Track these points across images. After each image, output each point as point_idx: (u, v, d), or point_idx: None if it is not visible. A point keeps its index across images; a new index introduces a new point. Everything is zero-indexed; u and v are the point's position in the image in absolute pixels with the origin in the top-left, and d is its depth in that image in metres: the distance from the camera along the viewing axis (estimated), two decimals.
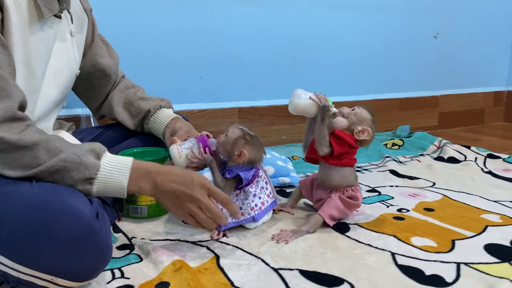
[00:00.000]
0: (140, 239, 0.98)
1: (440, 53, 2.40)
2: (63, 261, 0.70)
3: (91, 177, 0.77)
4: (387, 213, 1.16)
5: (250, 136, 1.03)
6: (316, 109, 1.05)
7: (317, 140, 1.05)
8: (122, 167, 0.81)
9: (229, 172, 1.01)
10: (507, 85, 2.69)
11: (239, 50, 1.88)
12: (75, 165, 0.76)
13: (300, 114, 1.07)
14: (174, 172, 0.86)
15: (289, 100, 1.06)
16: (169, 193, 0.84)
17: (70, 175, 0.76)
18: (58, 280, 0.71)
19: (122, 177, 0.80)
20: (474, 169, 1.59)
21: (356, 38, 2.14)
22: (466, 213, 1.17)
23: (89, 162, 0.77)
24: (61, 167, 0.75)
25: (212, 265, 0.88)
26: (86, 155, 0.78)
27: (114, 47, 1.26)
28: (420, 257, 0.92)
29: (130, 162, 0.82)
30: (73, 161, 0.76)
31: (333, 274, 0.85)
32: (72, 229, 0.70)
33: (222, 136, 1.04)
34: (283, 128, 1.97)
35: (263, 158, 1.06)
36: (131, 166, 0.82)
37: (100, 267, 0.76)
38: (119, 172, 0.80)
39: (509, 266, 0.88)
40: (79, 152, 0.77)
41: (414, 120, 2.37)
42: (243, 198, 1.03)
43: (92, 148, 0.79)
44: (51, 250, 0.69)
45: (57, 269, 0.70)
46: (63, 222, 0.70)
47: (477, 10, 2.46)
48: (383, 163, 1.69)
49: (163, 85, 1.73)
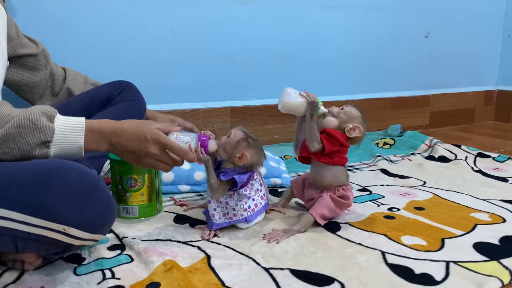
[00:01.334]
0: (131, 239, 0.97)
1: (431, 53, 2.42)
2: (76, 210, 0.73)
3: (47, 140, 0.77)
4: (378, 212, 1.17)
5: (252, 139, 1.03)
6: (306, 107, 1.05)
7: (307, 137, 1.06)
8: (76, 128, 0.81)
9: (224, 174, 1.00)
10: (497, 85, 2.72)
11: (232, 49, 1.88)
12: (29, 130, 0.76)
13: (290, 112, 1.08)
14: (127, 131, 0.85)
15: (279, 99, 1.07)
16: (126, 153, 0.87)
17: (25, 141, 0.76)
18: (70, 230, 0.73)
19: (77, 137, 0.81)
20: (464, 168, 1.61)
21: (348, 38, 2.15)
22: (456, 211, 1.18)
23: (43, 125, 0.77)
24: (15, 133, 0.75)
25: (203, 265, 0.88)
26: (40, 118, 0.77)
27: (106, 46, 1.26)
28: (410, 255, 0.93)
29: (83, 122, 0.82)
30: (26, 126, 0.76)
31: (323, 273, 0.85)
32: (83, 182, 0.74)
33: (223, 137, 1.03)
34: (275, 128, 1.97)
35: (263, 163, 1.06)
36: (85, 127, 0.82)
37: (109, 220, 0.80)
38: (73, 133, 0.81)
39: (497, 264, 0.89)
40: (31, 116, 0.76)
41: (406, 119, 2.38)
42: (236, 199, 1.02)
43: (44, 111, 0.79)
44: (65, 200, 0.72)
45: (70, 218, 0.72)
46: (74, 175, 0.73)
47: (467, 10, 2.48)
48: (374, 162, 1.69)
49: (154, 84, 1.72)
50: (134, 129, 0.86)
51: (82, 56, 1.57)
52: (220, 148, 1.02)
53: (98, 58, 1.60)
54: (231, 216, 1.02)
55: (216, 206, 1.02)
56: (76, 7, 1.54)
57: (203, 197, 1.29)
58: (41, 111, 0.78)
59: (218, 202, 1.02)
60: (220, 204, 1.02)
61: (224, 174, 1.00)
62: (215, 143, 1.01)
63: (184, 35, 1.77)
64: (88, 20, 1.57)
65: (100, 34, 1.33)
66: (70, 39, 1.55)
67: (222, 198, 1.01)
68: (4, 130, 0.74)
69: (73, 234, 0.73)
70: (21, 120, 0.75)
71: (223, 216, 1.02)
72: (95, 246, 0.95)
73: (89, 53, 1.58)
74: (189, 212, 1.17)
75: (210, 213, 1.02)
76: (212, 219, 1.02)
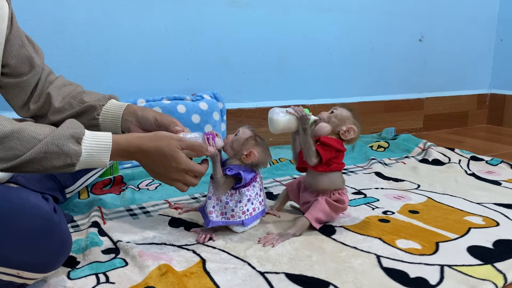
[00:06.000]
0: (126, 243, 0.97)
1: (424, 56, 2.43)
2: (28, 254, 0.71)
3: (72, 163, 0.79)
4: (372, 216, 1.17)
5: (259, 138, 1.05)
6: (297, 123, 1.05)
7: (304, 153, 1.05)
8: (103, 148, 0.83)
9: (230, 169, 1.01)
10: (490, 88, 2.74)
11: (226, 52, 1.88)
12: (55, 155, 0.77)
13: (282, 131, 1.07)
14: (150, 150, 0.88)
15: (268, 121, 1.06)
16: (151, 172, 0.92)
17: (51, 164, 0.77)
18: (24, 273, 0.72)
19: (103, 157, 0.83)
20: (457, 171, 1.62)
21: (342, 41, 2.16)
22: (450, 215, 1.18)
23: (70, 150, 0.78)
24: (41, 157, 0.76)
25: (198, 269, 0.88)
26: (67, 143, 0.78)
27: (100, 47, 1.25)
28: (405, 259, 0.93)
29: (109, 141, 0.83)
30: (53, 151, 0.76)
31: (318, 277, 0.85)
32: (34, 224, 0.71)
33: (230, 135, 1.05)
34: (269, 130, 1.96)
35: (269, 162, 1.07)
36: (111, 147, 0.84)
37: (63, 257, 0.78)
38: (100, 153, 0.83)
39: (491, 268, 0.89)
40: (58, 141, 0.77)
41: (400, 122, 2.39)
42: (237, 199, 1.02)
43: (72, 134, 0.79)
44: (16, 245, 0.70)
45: (23, 263, 0.71)
46: (24, 217, 0.71)
47: (461, 14, 2.50)
48: (368, 165, 1.70)
49: (149, 87, 1.72)
50: (156, 148, 0.88)
51: (73, 57, 1.56)
52: (227, 145, 1.04)
53: (89, 58, 1.60)
54: (228, 216, 1.02)
55: (216, 204, 1.02)
56: (68, 7, 1.53)
57: (198, 200, 1.29)
58: (69, 134, 0.79)
59: (218, 200, 1.02)
60: (220, 202, 1.02)
61: (230, 169, 1.01)
62: (221, 140, 1.02)
63: (178, 37, 1.76)
64: (80, 21, 1.56)
65: (91, 34, 1.32)
66: (62, 40, 1.54)
67: (223, 197, 1.01)
68: (31, 154, 0.75)
69: (27, 277, 0.73)
70: (48, 146, 0.76)
71: (221, 215, 1.02)
72: (89, 249, 0.94)
73: (80, 54, 1.58)
74: (184, 215, 1.17)
75: (208, 210, 1.02)
76: (209, 216, 1.01)
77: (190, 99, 1.74)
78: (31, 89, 1.10)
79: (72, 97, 1.10)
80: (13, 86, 1.08)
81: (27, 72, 1.07)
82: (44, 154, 0.76)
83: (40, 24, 1.50)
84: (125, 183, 1.42)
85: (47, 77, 1.12)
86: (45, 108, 1.10)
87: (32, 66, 1.08)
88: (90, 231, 1.02)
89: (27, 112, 1.12)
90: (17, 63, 1.05)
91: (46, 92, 1.11)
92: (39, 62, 1.10)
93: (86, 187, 1.33)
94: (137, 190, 1.36)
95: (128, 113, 1.08)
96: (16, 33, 1.06)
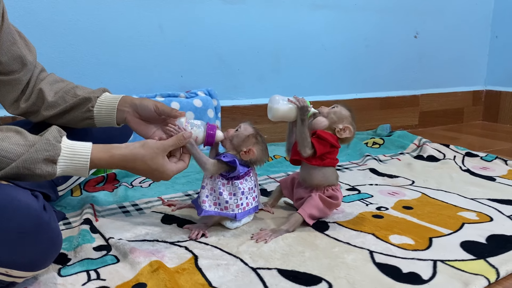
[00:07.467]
0: (118, 240, 0.96)
1: (420, 53, 2.43)
2: (17, 253, 0.70)
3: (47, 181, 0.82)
4: (366, 212, 1.17)
5: (260, 136, 1.04)
6: (296, 112, 1.05)
7: (299, 143, 1.05)
8: (80, 167, 0.85)
9: (225, 156, 1.00)
10: (486, 85, 2.74)
11: (220, 49, 1.87)
12: (28, 176, 0.79)
13: (280, 120, 1.07)
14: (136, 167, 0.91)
15: (268, 108, 1.06)
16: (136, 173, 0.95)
17: (26, 179, 0.80)
18: (12, 272, 0.71)
19: (81, 173, 0.86)
20: (452, 167, 1.62)
21: (337, 37, 2.15)
22: (444, 210, 1.18)
23: (43, 172, 0.80)
24: (14, 177, 0.78)
25: (190, 265, 0.87)
26: (39, 167, 0.79)
27: (94, 44, 1.24)
28: (398, 255, 0.93)
29: (87, 161, 0.85)
30: (25, 174, 0.78)
31: (311, 273, 0.85)
32: (23, 222, 0.70)
33: (231, 130, 1.04)
34: (264, 127, 1.96)
35: (266, 161, 1.06)
36: (89, 165, 0.85)
37: (53, 255, 0.77)
38: (77, 171, 0.85)
39: (484, 263, 0.89)
40: (30, 165, 0.78)
41: (395, 119, 2.39)
42: (230, 190, 1.01)
43: (46, 157, 0.79)
44: (5, 244, 0.69)
45: (11, 261, 0.70)
46: (13, 215, 0.69)
47: (456, 11, 2.50)
48: (363, 161, 1.70)
49: (143, 84, 1.71)
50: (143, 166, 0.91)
51: (66, 54, 1.55)
52: (227, 139, 1.03)
53: (82, 55, 1.59)
54: (222, 208, 1.01)
55: (209, 193, 1.01)
56: (61, 3, 1.52)
57: (191, 197, 1.28)
58: (43, 157, 0.79)
59: (212, 190, 1.01)
60: (213, 193, 1.01)
61: (225, 156, 1.00)
62: (222, 133, 1.02)
63: (172, 34, 1.76)
64: (73, 17, 1.55)
65: (85, 31, 1.31)
66: (54, 37, 1.53)
67: (216, 187, 1.01)
68: (3, 173, 0.76)
69: (16, 275, 0.72)
70: (19, 170, 0.77)
71: (214, 205, 1.01)
72: (80, 246, 0.93)
73: (73, 51, 1.57)
74: (177, 212, 1.16)
75: (201, 199, 1.01)
76: (202, 205, 1.01)
77: (184, 96, 1.73)
78: (22, 87, 1.09)
79: (65, 91, 1.09)
80: (3, 83, 1.07)
81: (18, 70, 1.06)
82: (16, 175, 0.77)
83: (32, 21, 1.49)
84: (119, 180, 1.41)
85: (38, 75, 1.11)
86: (37, 105, 1.09)
87: (24, 63, 1.07)
88: (82, 228, 1.01)
89: (16, 109, 1.10)
90: (8, 61, 1.04)
91: (37, 88, 1.09)
92: (31, 59, 1.09)
93: (79, 184, 1.32)
94: (131, 187, 1.36)
95: (124, 103, 1.07)
96: (8, 30, 1.04)
